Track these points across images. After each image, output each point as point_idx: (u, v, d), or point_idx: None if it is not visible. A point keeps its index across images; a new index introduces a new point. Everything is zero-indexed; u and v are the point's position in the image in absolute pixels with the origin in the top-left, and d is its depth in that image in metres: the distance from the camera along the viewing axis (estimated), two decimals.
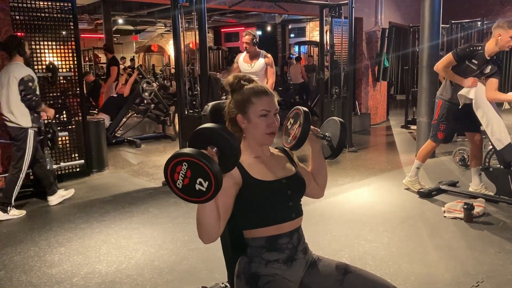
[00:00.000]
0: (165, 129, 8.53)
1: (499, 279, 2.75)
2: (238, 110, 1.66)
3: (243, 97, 1.66)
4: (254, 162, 1.67)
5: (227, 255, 1.83)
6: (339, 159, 6.27)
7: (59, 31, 5.19)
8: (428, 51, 5.81)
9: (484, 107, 4.00)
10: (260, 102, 1.64)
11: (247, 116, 1.65)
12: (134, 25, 16.52)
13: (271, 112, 1.65)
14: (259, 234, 1.63)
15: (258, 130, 1.65)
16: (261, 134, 1.66)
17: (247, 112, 1.65)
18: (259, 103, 1.64)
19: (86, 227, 3.82)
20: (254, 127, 1.65)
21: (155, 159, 6.50)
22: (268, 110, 1.64)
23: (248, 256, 1.66)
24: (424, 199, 4.35)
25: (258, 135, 1.66)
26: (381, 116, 9.62)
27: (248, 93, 1.66)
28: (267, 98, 1.65)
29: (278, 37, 16.13)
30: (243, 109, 1.65)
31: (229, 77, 1.73)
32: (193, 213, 4.30)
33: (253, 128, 1.65)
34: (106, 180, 5.42)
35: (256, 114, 1.64)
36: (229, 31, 18.43)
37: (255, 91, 1.66)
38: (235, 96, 1.69)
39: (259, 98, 1.65)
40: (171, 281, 2.83)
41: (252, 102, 1.64)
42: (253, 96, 1.65)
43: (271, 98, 1.67)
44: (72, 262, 3.14)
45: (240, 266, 1.67)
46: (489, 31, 9.08)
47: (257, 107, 1.64)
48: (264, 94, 1.66)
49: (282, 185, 1.66)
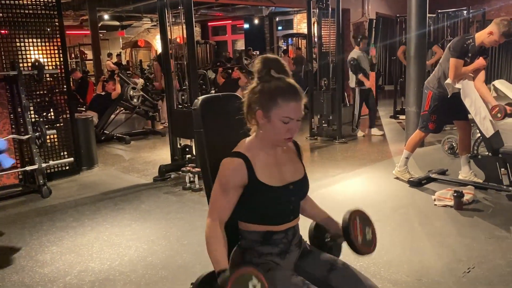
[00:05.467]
0: (155, 125, 8.48)
1: (489, 265, 2.79)
2: (260, 104, 1.53)
3: (269, 94, 1.51)
4: (263, 161, 1.59)
5: None
6: (330, 151, 6.30)
7: (44, 28, 5.12)
8: (416, 41, 5.83)
9: (472, 95, 4.03)
10: (286, 107, 1.49)
11: (268, 115, 1.51)
12: (120, 20, 16.36)
13: (295, 119, 1.52)
14: (255, 229, 1.62)
15: (276, 133, 1.54)
16: (278, 138, 1.55)
17: (269, 112, 1.51)
18: (284, 108, 1.49)
19: (78, 225, 3.79)
20: (273, 128, 1.53)
21: (145, 155, 6.47)
22: (292, 118, 1.51)
23: (241, 247, 1.66)
24: (415, 188, 4.39)
25: (274, 137, 1.56)
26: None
27: (275, 92, 1.50)
28: (294, 104, 1.50)
29: (265, 30, 16.07)
30: (265, 106, 1.51)
31: (258, 61, 1.56)
32: (185, 208, 4.33)
33: (271, 129, 1.53)
34: (96, 177, 5.38)
35: (278, 117, 1.50)
36: (216, 25, 18.35)
37: (284, 92, 1.50)
38: (260, 86, 1.54)
39: (286, 103, 1.49)
40: (165, 277, 2.83)
41: (277, 105, 1.49)
42: (280, 97, 1.49)
43: (299, 104, 1.51)
44: (65, 261, 3.11)
45: (234, 256, 1.67)
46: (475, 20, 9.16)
47: (281, 112, 1.50)
48: (292, 99, 1.50)
49: (288, 192, 1.62)
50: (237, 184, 1.54)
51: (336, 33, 6.84)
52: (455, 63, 3.99)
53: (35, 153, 4.62)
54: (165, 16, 5.10)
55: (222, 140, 1.88)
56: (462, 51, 3.99)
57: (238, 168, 1.54)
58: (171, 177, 5.09)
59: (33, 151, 4.64)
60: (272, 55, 1.59)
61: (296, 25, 15.35)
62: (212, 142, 1.81)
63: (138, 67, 17.15)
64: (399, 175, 4.63)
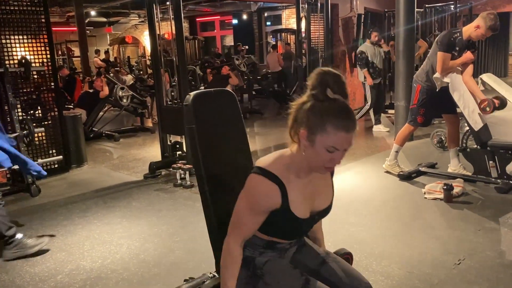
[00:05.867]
0: (144, 122, 8.43)
1: (479, 256, 2.82)
2: (306, 124, 1.37)
3: (319, 116, 1.35)
4: (298, 189, 1.48)
5: (214, 241, 1.82)
6: None
7: (30, 25, 5.04)
8: (404, 35, 5.86)
9: (460, 89, 4.07)
10: (334, 137, 1.35)
11: (312, 139, 1.37)
12: (107, 16, 16.18)
13: (341, 150, 1.39)
14: (261, 236, 1.59)
15: (317, 160, 1.41)
16: (318, 165, 1.44)
17: (314, 135, 1.36)
18: (333, 136, 1.35)
19: (68, 223, 3.76)
20: (315, 154, 1.39)
21: (135, 152, 6.43)
22: (338, 149, 1.38)
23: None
24: (405, 181, 4.42)
25: (314, 163, 1.43)
26: (359, 102, 9.68)
27: (326, 116, 1.34)
28: (344, 135, 1.35)
29: (254, 25, 16.03)
30: (312, 128, 1.36)
31: (314, 74, 1.40)
32: (176, 205, 4.31)
33: (313, 154, 1.40)
34: (86, 175, 5.33)
35: (323, 144, 1.36)
36: (204, 21, 18.25)
37: (336, 119, 1.34)
38: (311, 104, 1.38)
39: (336, 131, 1.34)
40: (158, 274, 2.82)
41: (326, 131, 1.34)
42: (330, 124, 1.34)
43: (350, 135, 1.36)
44: (55, 260, 3.09)
45: None
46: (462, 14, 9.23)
47: (328, 140, 1.35)
48: (344, 128, 1.34)
49: (312, 221, 1.59)
50: (268, 209, 1.47)
51: (325, 28, 6.85)
52: (443, 56, 4.03)
53: (23, 152, 4.56)
54: (153, 11, 5.05)
55: (215, 136, 1.88)
56: (449, 45, 4.03)
57: (272, 195, 1.44)
58: (161, 174, 5.07)
59: (21, 149, 4.58)
60: (332, 70, 1.41)
61: (285, 21, 15.33)
62: (204, 138, 1.80)
63: (126, 64, 17.01)
64: (389, 169, 4.66)
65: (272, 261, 1.57)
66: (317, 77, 1.39)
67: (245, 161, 1.98)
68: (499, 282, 2.51)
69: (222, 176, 1.85)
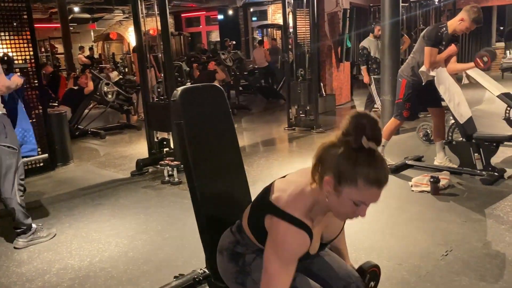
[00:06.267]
0: (130, 119, 8.36)
1: (466, 247, 2.86)
2: (334, 173, 1.28)
3: (352, 169, 1.25)
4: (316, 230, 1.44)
5: (204, 238, 1.81)
6: (308, 140, 6.33)
7: (12, 21, 4.95)
8: (389, 30, 5.89)
9: (446, 82, 4.11)
10: (365, 192, 1.27)
11: (339, 190, 1.28)
12: (91, 13, 15.97)
13: (368, 205, 1.32)
14: (259, 246, 1.54)
15: (340, 209, 1.34)
16: (340, 214, 1.37)
17: (342, 186, 1.27)
18: (363, 192, 1.26)
19: (55, 222, 3.71)
20: (339, 204, 1.31)
21: (121, 150, 6.37)
22: (366, 204, 1.32)
23: (235, 237, 1.61)
24: (392, 174, 4.46)
25: (336, 212, 1.36)
26: (345, 97, 9.74)
27: (360, 170, 1.25)
28: (375, 191, 1.27)
29: (240, 21, 15.98)
30: (340, 179, 1.27)
31: (349, 118, 1.29)
32: (165, 202, 4.28)
33: (336, 204, 1.32)
34: (72, 173, 5.27)
35: (351, 197, 1.28)
36: (190, 16, 18.13)
37: (369, 174, 1.25)
38: (344, 152, 1.27)
39: (368, 187, 1.26)
40: (147, 271, 2.80)
41: (356, 185, 1.26)
42: (363, 179, 1.25)
43: (380, 191, 1.29)
44: (43, 259, 3.05)
45: (224, 243, 1.64)
46: (446, 9, 9.33)
47: (357, 195, 1.27)
48: (376, 184, 1.26)
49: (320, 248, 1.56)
50: (299, 256, 1.39)
51: (311, 23, 6.85)
52: (430, 51, 4.06)
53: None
54: (138, 7, 5.00)
55: (203, 131, 1.87)
56: (436, 40, 4.06)
57: (303, 243, 1.38)
58: (149, 171, 5.03)
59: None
60: (369, 114, 1.30)
61: (271, 16, 15.31)
62: (193, 133, 1.80)
63: (111, 60, 16.83)
64: None
65: (261, 258, 1.56)
66: (353, 121, 1.28)
67: (234, 156, 1.97)
68: (486, 272, 2.55)
69: (211, 172, 1.85)
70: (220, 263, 1.65)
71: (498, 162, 4.50)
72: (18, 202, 3.22)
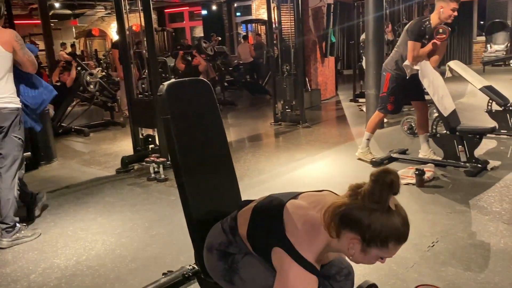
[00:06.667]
0: (114, 116, 8.26)
1: (452, 238, 2.90)
2: (361, 234, 1.28)
3: (383, 235, 1.27)
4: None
5: (192, 233, 1.80)
6: (294, 135, 6.35)
7: None
8: (374, 24, 5.91)
9: (430, 76, 4.15)
10: (393, 251, 1.31)
11: (365, 249, 1.30)
12: (72, 9, 15.73)
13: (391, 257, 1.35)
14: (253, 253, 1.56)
15: (361, 261, 1.36)
16: (358, 262, 1.38)
17: (370, 247, 1.29)
18: (391, 251, 1.30)
19: (40, 221, 3.65)
20: (361, 258, 1.34)
21: (106, 147, 6.30)
22: (391, 257, 1.35)
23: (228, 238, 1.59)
24: (377, 168, 4.49)
25: (356, 261, 1.38)
26: (330, 92, 9.78)
27: (391, 235, 1.27)
28: (400, 246, 1.32)
29: (224, 16, 15.91)
30: (369, 241, 1.28)
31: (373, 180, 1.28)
32: (151, 199, 4.25)
33: (358, 257, 1.34)
34: (56, 172, 5.19)
35: (378, 254, 1.31)
36: (173, 12, 17.98)
37: (399, 236, 1.28)
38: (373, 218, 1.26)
39: (395, 246, 1.30)
40: (136, 269, 2.77)
41: (387, 247, 1.28)
42: (393, 241, 1.28)
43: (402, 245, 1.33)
44: (28, 259, 3.00)
45: (215, 242, 1.63)
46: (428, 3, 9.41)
47: (385, 254, 1.31)
48: (402, 242, 1.31)
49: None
50: None
51: (295, 18, 6.85)
52: (413, 45, 4.09)
53: None
54: (121, 3, 4.93)
55: (191, 126, 1.86)
56: (419, 34, 4.09)
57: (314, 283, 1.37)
58: (134, 169, 4.98)
59: None
60: (392, 172, 1.28)
61: (255, 11, 15.28)
62: (180, 128, 1.78)
63: (93, 57, 16.60)
64: (361, 156, 4.72)
65: (249, 257, 1.56)
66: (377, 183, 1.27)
67: (222, 150, 1.96)
68: (471, 262, 2.59)
69: (199, 167, 1.83)
70: (208, 260, 1.64)
71: (481, 154, 4.58)
72: (15, 195, 3.27)
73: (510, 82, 9.74)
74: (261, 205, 1.55)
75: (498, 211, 3.28)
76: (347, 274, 1.69)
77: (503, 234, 2.92)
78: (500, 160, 4.32)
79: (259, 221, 1.51)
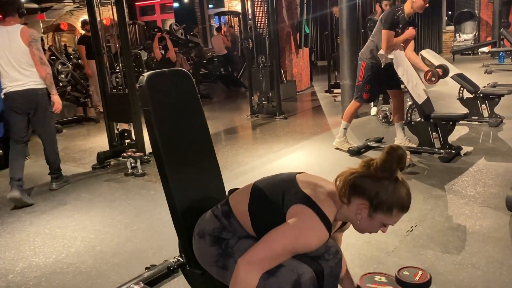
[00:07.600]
0: (87, 111, 8.10)
1: (429, 222, 2.98)
2: (370, 200, 1.42)
3: (390, 201, 1.41)
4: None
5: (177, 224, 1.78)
6: (271, 127, 6.36)
7: None
8: (347, 13, 5.95)
9: (404, 65, 4.22)
10: (396, 218, 1.45)
11: (372, 215, 1.44)
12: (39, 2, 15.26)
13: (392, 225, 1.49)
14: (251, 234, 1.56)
15: (366, 228, 1.50)
16: (362, 230, 1.51)
17: (376, 213, 1.43)
18: (395, 218, 1.45)
19: (15, 220, 3.56)
20: (367, 224, 1.47)
21: (80, 144, 6.18)
22: (391, 225, 1.49)
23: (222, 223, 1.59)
24: (354, 156, 4.56)
25: (360, 228, 1.51)
26: (305, 83, 9.83)
27: (397, 202, 1.41)
28: (402, 214, 1.46)
29: (196, 9, 15.75)
30: (376, 207, 1.42)
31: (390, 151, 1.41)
32: (130, 194, 4.19)
33: (365, 224, 1.47)
34: (28, 170, 5.03)
35: (382, 221, 1.45)
36: (144, 5, 17.69)
37: (403, 204, 1.43)
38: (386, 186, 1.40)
39: (398, 214, 1.44)
40: (117, 264, 2.74)
41: (391, 213, 1.43)
42: (397, 208, 1.42)
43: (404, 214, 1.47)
44: (4, 259, 2.92)
45: (207, 228, 1.61)
46: None
47: (389, 220, 1.45)
48: (405, 211, 1.45)
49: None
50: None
51: (269, 9, 6.84)
52: (387, 34, 4.15)
53: None
54: None
55: (172, 117, 1.83)
56: (393, 23, 4.15)
57: (321, 243, 1.47)
58: (111, 164, 4.91)
59: None
60: (403, 148, 1.43)
61: (227, 3, 15.17)
62: (161, 119, 1.76)
63: (63, 52, 16.18)
64: (339, 146, 4.78)
65: (244, 240, 1.56)
66: (392, 154, 1.40)
67: (204, 140, 1.95)
68: (449, 244, 2.67)
69: (181, 158, 1.82)
70: (198, 247, 1.63)
71: (454, 140, 4.70)
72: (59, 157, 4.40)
73: (479, 70, 10.01)
74: (262, 180, 1.63)
75: (473, 194, 3.38)
76: (335, 252, 1.72)
77: (478, 216, 3.01)
78: (472, 146, 4.45)
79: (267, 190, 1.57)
